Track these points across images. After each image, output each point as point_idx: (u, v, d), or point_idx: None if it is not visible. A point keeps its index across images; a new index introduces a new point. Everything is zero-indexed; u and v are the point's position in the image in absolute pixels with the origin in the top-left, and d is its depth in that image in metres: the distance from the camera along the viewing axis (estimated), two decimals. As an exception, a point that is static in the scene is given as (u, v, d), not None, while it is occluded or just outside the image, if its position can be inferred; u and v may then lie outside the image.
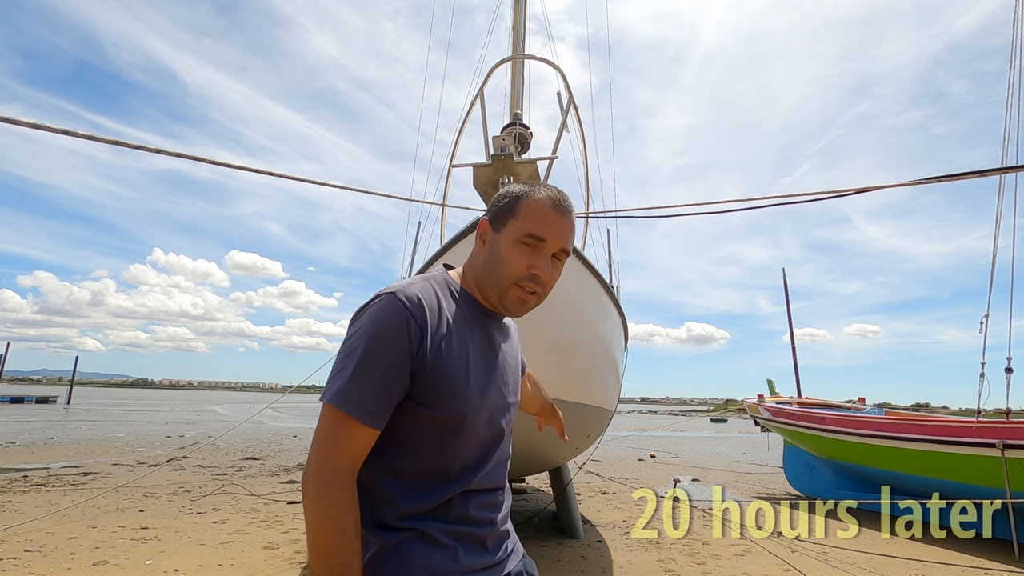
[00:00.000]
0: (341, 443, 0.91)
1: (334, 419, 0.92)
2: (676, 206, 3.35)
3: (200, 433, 15.73)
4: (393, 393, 0.93)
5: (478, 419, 1.01)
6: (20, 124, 1.67)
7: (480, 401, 1.01)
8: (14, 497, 5.93)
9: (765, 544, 5.15)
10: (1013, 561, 4.83)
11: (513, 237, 1.02)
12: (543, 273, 1.02)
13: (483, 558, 1.03)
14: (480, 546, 1.02)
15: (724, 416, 45.59)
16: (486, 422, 1.04)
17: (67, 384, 41.64)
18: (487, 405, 1.03)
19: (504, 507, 1.11)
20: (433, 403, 0.96)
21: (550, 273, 1.03)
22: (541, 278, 1.02)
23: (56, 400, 36.51)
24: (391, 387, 0.93)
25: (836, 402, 9.58)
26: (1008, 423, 5.46)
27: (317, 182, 3.26)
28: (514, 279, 1.02)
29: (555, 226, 1.02)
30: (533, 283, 1.02)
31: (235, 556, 4.14)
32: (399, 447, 0.98)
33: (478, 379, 1.02)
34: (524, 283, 1.02)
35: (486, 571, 1.03)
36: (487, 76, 4.10)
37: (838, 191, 2.72)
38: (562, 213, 1.04)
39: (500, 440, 1.09)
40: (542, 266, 1.02)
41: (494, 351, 1.09)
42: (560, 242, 1.03)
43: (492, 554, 1.04)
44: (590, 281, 3.87)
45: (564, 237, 1.04)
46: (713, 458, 14.11)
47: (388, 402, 0.93)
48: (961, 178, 2.20)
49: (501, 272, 1.03)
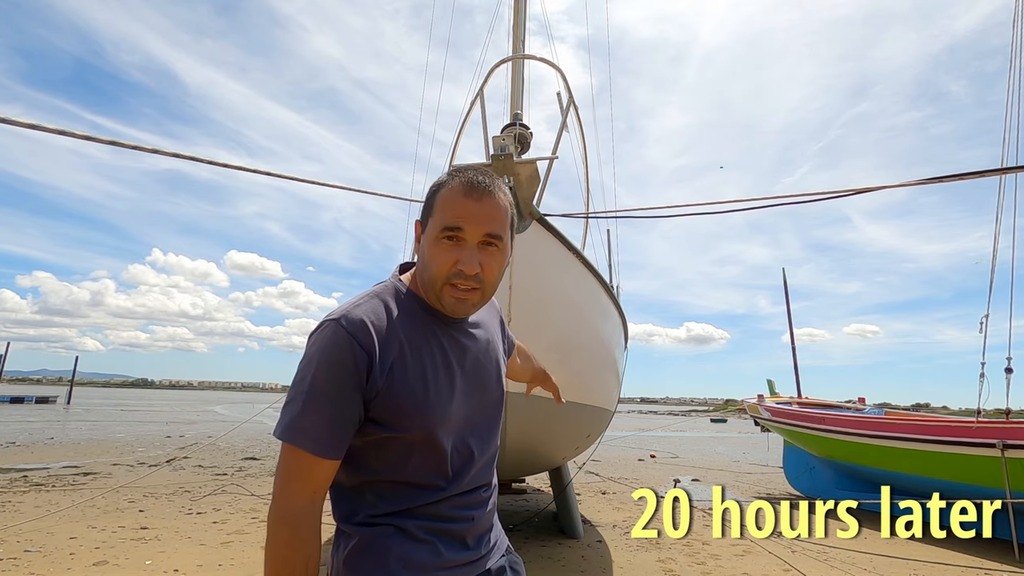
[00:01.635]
0: (299, 479, 0.90)
1: (289, 455, 0.90)
2: (676, 206, 3.35)
3: (200, 433, 15.73)
4: (347, 420, 0.90)
5: (445, 431, 0.97)
6: (17, 124, 1.67)
7: (445, 413, 0.97)
8: (14, 497, 5.93)
9: (765, 544, 5.15)
10: (1013, 561, 4.83)
11: (433, 234, 0.95)
12: (467, 268, 0.92)
13: (463, 554, 1.01)
14: (459, 542, 1.00)
15: (724, 416, 45.58)
16: (458, 431, 1.00)
17: (67, 384, 41.65)
18: (455, 414, 0.99)
19: (487, 503, 1.08)
20: (392, 424, 0.93)
21: (479, 265, 0.94)
22: (467, 273, 0.93)
23: (56, 400, 36.51)
24: (344, 415, 0.90)
25: (836, 402, 9.58)
26: (1008, 423, 5.46)
27: (317, 182, 3.26)
28: (443, 279, 0.95)
29: (471, 213, 0.93)
30: (463, 280, 0.94)
31: (235, 556, 4.14)
32: (369, 463, 0.96)
33: (440, 392, 0.97)
34: (455, 281, 0.94)
35: (465, 567, 1.01)
36: (487, 76, 4.10)
37: (838, 191, 2.72)
38: (477, 197, 0.94)
39: (482, 444, 1.07)
40: (467, 260, 0.93)
41: (461, 353, 1.03)
42: (480, 229, 0.93)
43: (473, 550, 1.02)
44: (590, 281, 3.86)
45: (484, 222, 0.93)
46: (713, 458, 14.11)
47: (343, 429, 0.90)
48: (962, 178, 2.20)
49: (430, 273, 0.97)
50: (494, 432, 1.12)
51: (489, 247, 0.95)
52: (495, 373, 1.10)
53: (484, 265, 0.94)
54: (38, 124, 1.73)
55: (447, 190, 0.96)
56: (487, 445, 1.08)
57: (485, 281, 0.96)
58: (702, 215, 3.33)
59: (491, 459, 1.10)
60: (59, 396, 40.35)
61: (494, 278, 0.97)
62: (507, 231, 0.98)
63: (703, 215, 3.37)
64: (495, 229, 0.95)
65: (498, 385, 1.10)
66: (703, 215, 3.37)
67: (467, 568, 1.02)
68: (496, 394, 1.09)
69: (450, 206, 0.94)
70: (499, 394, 1.10)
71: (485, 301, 1.00)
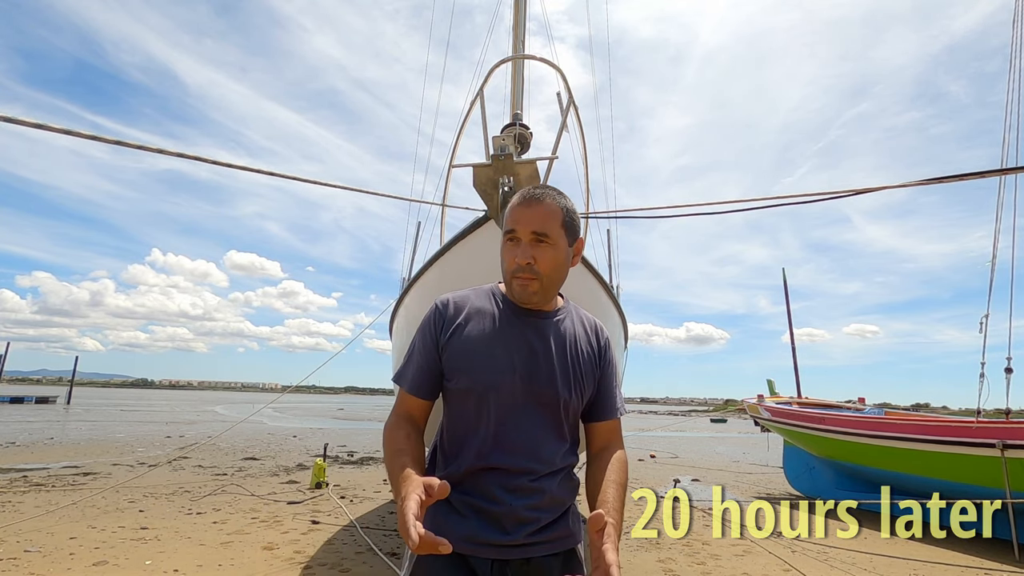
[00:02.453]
0: (398, 403, 1.24)
1: (397, 389, 1.26)
2: (676, 206, 3.35)
3: (200, 433, 15.73)
4: (429, 368, 1.21)
5: (489, 397, 1.15)
6: (23, 124, 1.67)
7: (492, 381, 1.15)
8: (14, 497, 5.93)
9: (765, 544, 5.15)
10: (1013, 561, 4.83)
11: (502, 240, 1.20)
12: (522, 259, 1.14)
13: (495, 536, 1.11)
14: (495, 523, 1.13)
15: (724, 416, 45.58)
16: (501, 403, 1.16)
17: (67, 384, 41.61)
18: (504, 387, 1.15)
19: (536, 496, 1.15)
20: (451, 377, 1.19)
21: (531, 256, 1.14)
22: (521, 264, 1.14)
23: (56, 400, 36.46)
24: (427, 364, 1.21)
25: (836, 402, 9.58)
26: (1008, 423, 5.46)
27: (317, 182, 3.26)
28: (510, 274, 1.18)
29: (522, 216, 1.15)
30: (521, 272, 1.15)
31: (235, 556, 4.14)
32: (445, 416, 1.24)
33: (494, 362, 1.16)
34: (517, 274, 1.16)
35: (497, 548, 1.12)
36: (487, 76, 4.09)
37: (838, 192, 2.72)
38: (527, 204, 1.16)
39: (524, 424, 1.16)
40: (521, 254, 1.14)
41: (526, 341, 1.19)
42: (530, 227, 1.14)
43: (509, 534, 1.12)
44: (590, 281, 3.86)
45: (532, 222, 1.15)
46: (713, 458, 14.11)
47: (427, 375, 1.21)
48: (962, 179, 2.20)
49: (503, 271, 1.21)
50: (541, 426, 1.18)
51: (540, 243, 1.15)
52: (551, 373, 1.19)
53: (537, 258, 1.14)
54: (44, 124, 1.73)
55: (511, 204, 1.19)
56: (531, 435, 1.17)
57: (540, 272, 1.15)
58: (702, 215, 3.33)
59: (538, 449, 1.17)
60: (59, 396, 40.31)
61: (548, 268, 1.16)
62: (558, 230, 1.16)
63: (703, 215, 3.37)
64: (539, 227, 1.15)
65: (550, 385, 1.18)
66: (703, 215, 3.37)
67: (498, 550, 1.12)
68: (548, 394, 1.18)
69: (510, 215, 1.18)
70: (551, 394, 1.19)
71: (545, 290, 1.18)
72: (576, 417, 1.26)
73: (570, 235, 1.20)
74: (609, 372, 1.28)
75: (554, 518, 1.18)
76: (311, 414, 31.97)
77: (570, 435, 1.24)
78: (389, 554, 4.30)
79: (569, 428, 1.24)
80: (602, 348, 1.28)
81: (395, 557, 4.23)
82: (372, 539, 4.69)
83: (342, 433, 18.00)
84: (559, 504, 1.20)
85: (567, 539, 1.21)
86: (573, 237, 1.21)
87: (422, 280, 3.68)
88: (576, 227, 1.21)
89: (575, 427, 1.26)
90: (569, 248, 1.21)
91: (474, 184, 3.01)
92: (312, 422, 23.90)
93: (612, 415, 1.27)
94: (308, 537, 4.76)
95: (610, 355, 1.29)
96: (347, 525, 5.25)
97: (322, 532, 4.95)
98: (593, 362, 1.26)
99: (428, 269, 3.58)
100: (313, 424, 22.43)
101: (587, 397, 1.25)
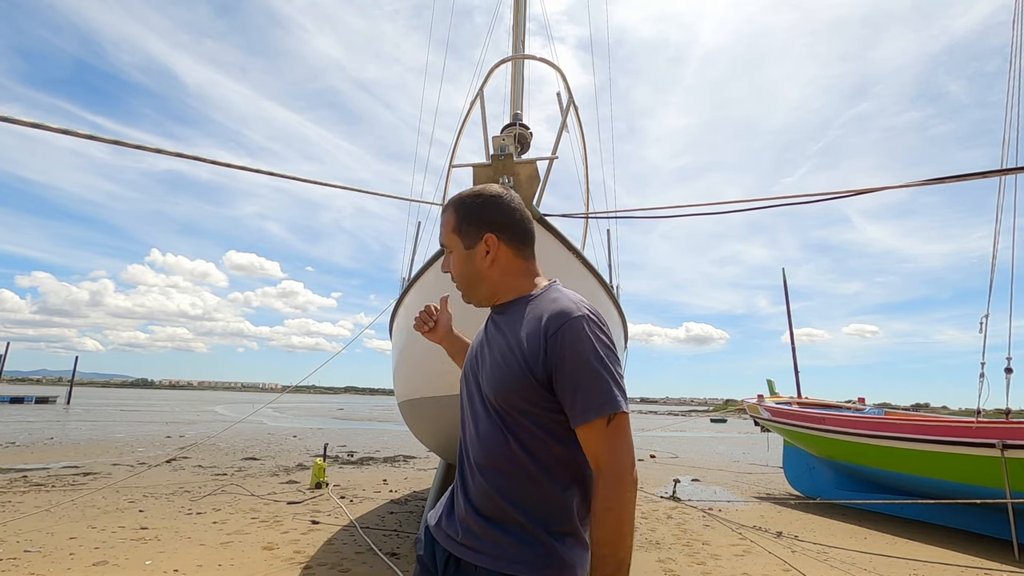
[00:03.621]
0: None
1: None
2: (676, 206, 3.35)
3: (200, 433, 15.72)
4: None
5: (462, 397, 1.26)
6: (22, 124, 1.67)
7: (463, 374, 1.28)
8: (14, 497, 5.93)
9: (765, 544, 5.15)
10: (1013, 561, 4.83)
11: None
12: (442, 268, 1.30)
13: (448, 525, 1.16)
14: (451, 514, 1.18)
15: (724, 416, 45.58)
16: (464, 395, 1.25)
17: (67, 384, 41.57)
18: (465, 380, 1.26)
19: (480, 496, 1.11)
20: None
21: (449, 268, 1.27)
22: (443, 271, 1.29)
23: (56, 400, 36.47)
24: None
25: (836, 402, 9.58)
26: (1008, 423, 5.46)
27: (317, 182, 3.26)
28: None
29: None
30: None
31: (235, 556, 4.14)
32: None
33: (467, 358, 1.28)
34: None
35: (450, 541, 1.14)
36: (487, 76, 4.10)
37: (839, 192, 2.72)
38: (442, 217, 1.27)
39: (478, 420, 1.16)
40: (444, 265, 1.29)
41: (487, 339, 1.23)
42: (440, 242, 1.27)
43: (454, 529, 1.14)
44: (590, 281, 3.86)
45: (439, 237, 1.27)
46: (713, 458, 14.12)
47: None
48: (962, 179, 2.20)
49: None
50: (488, 423, 1.13)
51: (450, 253, 1.25)
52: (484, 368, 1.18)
53: (451, 268, 1.26)
54: (43, 124, 1.73)
55: None
56: (481, 432, 1.15)
57: (455, 279, 1.25)
58: (702, 215, 3.33)
59: (483, 448, 1.13)
60: (59, 396, 40.31)
61: (456, 274, 1.25)
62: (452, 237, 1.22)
63: (703, 215, 3.37)
64: (443, 240, 1.26)
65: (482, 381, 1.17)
66: (703, 215, 3.37)
67: (445, 539, 1.15)
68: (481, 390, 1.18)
69: None
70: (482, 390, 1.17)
71: (467, 294, 1.25)
72: (525, 418, 1.09)
73: (466, 237, 1.20)
74: (566, 366, 1.04)
75: (500, 530, 1.07)
76: (311, 414, 31.96)
77: (524, 439, 1.09)
78: (389, 554, 4.29)
79: (518, 429, 1.09)
80: (549, 338, 1.06)
81: (395, 557, 4.23)
82: (372, 539, 4.69)
83: (342, 433, 18.00)
84: (504, 511, 1.08)
85: (513, 563, 1.05)
86: (472, 236, 1.18)
87: (422, 280, 3.68)
88: (473, 223, 1.18)
89: (532, 431, 1.09)
90: (470, 248, 1.20)
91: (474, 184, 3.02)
92: (312, 422, 23.90)
93: (577, 420, 1.05)
94: (308, 537, 4.76)
95: (564, 344, 1.05)
96: (347, 525, 5.25)
97: (322, 532, 4.95)
98: (523, 354, 1.08)
99: (428, 269, 3.58)
100: (313, 424, 22.43)
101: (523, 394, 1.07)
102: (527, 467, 1.08)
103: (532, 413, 1.08)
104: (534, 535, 1.06)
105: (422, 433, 4.99)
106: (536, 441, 1.09)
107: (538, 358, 1.06)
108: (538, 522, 1.06)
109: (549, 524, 1.07)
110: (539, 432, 1.09)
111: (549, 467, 1.09)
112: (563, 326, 1.06)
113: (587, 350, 1.04)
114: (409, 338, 3.97)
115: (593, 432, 1.03)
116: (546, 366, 1.06)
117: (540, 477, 1.08)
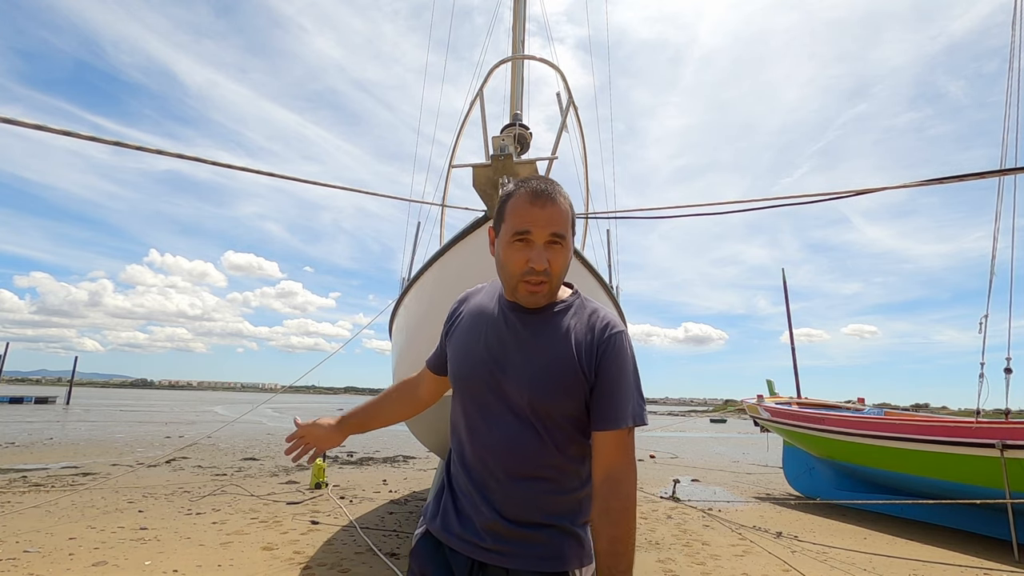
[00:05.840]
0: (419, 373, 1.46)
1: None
2: (676, 206, 3.35)
3: (199, 433, 15.71)
4: (440, 353, 1.35)
5: (466, 392, 1.18)
6: (22, 125, 1.67)
7: (469, 375, 1.18)
8: (13, 497, 5.92)
9: (765, 544, 5.15)
10: (1013, 561, 4.83)
11: (506, 239, 1.13)
12: (538, 264, 1.09)
13: (469, 532, 1.12)
14: (468, 519, 1.13)
15: (724, 416, 45.59)
16: (474, 398, 1.17)
17: (66, 384, 41.56)
18: (478, 382, 1.16)
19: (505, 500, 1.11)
20: (449, 361, 1.26)
21: (547, 261, 1.10)
22: (538, 269, 1.09)
23: (55, 400, 36.42)
24: (440, 349, 1.35)
25: (835, 402, 9.58)
26: (1008, 423, 5.47)
27: (317, 183, 3.26)
28: (518, 277, 1.12)
29: (537, 218, 1.10)
30: (533, 275, 1.10)
31: (234, 557, 4.14)
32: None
33: (475, 359, 1.18)
34: (527, 277, 1.11)
35: (471, 546, 1.11)
36: (487, 76, 4.09)
37: (838, 192, 2.73)
38: (541, 205, 1.11)
39: (498, 422, 1.13)
40: (536, 258, 1.10)
41: (505, 338, 1.17)
42: (546, 230, 1.10)
43: (477, 535, 1.11)
44: (589, 281, 3.86)
45: (549, 224, 1.10)
46: (713, 458, 14.12)
47: (437, 357, 1.37)
48: (962, 180, 2.20)
49: (505, 272, 1.15)
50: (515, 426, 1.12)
51: (554, 245, 1.11)
52: (522, 369, 1.13)
53: (551, 261, 1.11)
54: (43, 124, 1.73)
55: (515, 199, 1.13)
56: (504, 434, 1.12)
57: (553, 274, 1.11)
58: (702, 215, 3.33)
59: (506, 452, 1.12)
60: (58, 396, 40.27)
61: (560, 270, 1.13)
62: (569, 230, 1.15)
63: (703, 215, 3.37)
64: (556, 229, 1.11)
65: (518, 383, 1.12)
66: (703, 215, 3.37)
67: (467, 545, 1.12)
68: (516, 392, 1.12)
69: (519, 213, 1.11)
70: (518, 392, 1.12)
71: (553, 292, 1.15)
72: (567, 421, 1.13)
73: (574, 232, 1.19)
74: (610, 374, 1.12)
75: (531, 530, 1.10)
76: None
77: (560, 441, 1.13)
78: (389, 554, 4.29)
79: (557, 432, 1.12)
80: (600, 345, 1.13)
81: (395, 557, 4.23)
82: (372, 539, 4.69)
83: (342, 433, 17.99)
84: (538, 514, 1.11)
85: (549, 559, 1.10)
86: (574, 233, 1.20)
87: (422, 280, 3.68)
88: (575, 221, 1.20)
89: (570, 433, 1.14)
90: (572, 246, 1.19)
91: (474, 184, 3.02)
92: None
93: (608, 424, 1.10)
94: (308, 537, 4.76)
95: (612, 354, 1.13)
96: (347, 525, 5.25)
97: (322, 532, 4.95)
98: (580, 361, 1.12)
99: (428, 269, 3.58)
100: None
101: (575, 399, 1.12)
102: (566, 470, 1.15)
103: (573, 416, 1.14)
104: (563, 530, 1.13)
105: (422, 433, 4.99)
106: (573, 444, 1.15)
107: (592, 365, 1.13)
108: (567, 518, 1.14)
109: (575, 518, 1.15)
110: (576, 434, 1.15)
111: (580, 466, 1.17)
112: (613, 336, 1.15)
113: (628, 363, 1.15)
114: (409, 338, 3.97)
115: (616, 438, 1.10)
116: (596, 372, 1.13)
117: (575, 477, 1.16)
